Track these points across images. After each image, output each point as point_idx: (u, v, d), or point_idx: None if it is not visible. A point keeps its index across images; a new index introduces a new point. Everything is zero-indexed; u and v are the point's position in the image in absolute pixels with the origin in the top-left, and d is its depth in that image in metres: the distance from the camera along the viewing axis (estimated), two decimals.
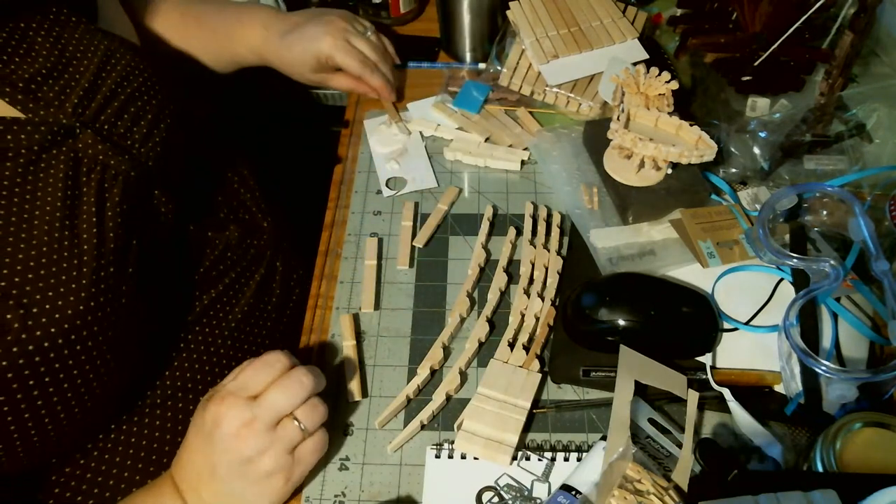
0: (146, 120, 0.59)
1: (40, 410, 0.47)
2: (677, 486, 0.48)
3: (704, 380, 0.56)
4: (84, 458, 0.55)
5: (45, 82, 0.53)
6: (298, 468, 0.49)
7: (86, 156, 0.53)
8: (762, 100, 0.73)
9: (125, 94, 0.58)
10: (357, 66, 0.75)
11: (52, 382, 0.47)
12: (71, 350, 0.47)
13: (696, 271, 0.63)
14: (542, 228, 0.68)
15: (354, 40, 0.76)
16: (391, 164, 0.75)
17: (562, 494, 0.48)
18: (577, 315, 0.59)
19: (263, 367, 0.48)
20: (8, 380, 0.44)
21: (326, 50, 0.74)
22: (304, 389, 0.48)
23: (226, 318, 0.65)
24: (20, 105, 0.51)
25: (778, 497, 0.38)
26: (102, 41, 0.58)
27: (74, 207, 0.50)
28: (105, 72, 0.57)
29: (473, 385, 0.58)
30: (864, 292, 0.58)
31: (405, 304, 0.64)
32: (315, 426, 0.49)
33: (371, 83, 0.77)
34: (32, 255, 0.47)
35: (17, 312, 0.45)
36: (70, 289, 0.47)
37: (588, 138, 0.72)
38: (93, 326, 0.48)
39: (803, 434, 0.54)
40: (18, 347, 0.44)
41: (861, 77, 0.78)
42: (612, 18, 0.80)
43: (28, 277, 0.46)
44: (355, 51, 0.76)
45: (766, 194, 0.67)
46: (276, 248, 0.74)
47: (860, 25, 0.61)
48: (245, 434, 0.46)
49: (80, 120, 0.54)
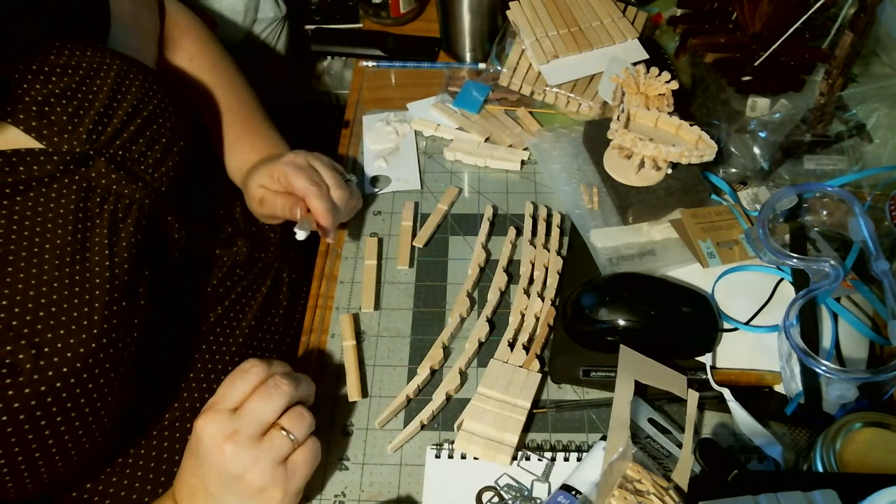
0: (160, 144, 0.58)
1: (51, 448, 0.46)
2: (677, 486, 0.48)
3: (704, 380, 0.56)
4: (92, 483, 0.54)
5: (59, 103, 0.52)
6: (294, 479, 0.46)
7: (98, 185, 0.52)
8: (762, 100, 0.73)
9: (140, 118, 0.56)
10: (303, 184, 0.60)
11: (63, 420, 0.46)
12: (83, 388, 0.46)
13: (696, 271, 0.63)
14: (542, 228, 0.68)
15: (315, 163, 0.64)
16: (379, 162, 0.75)
17: (562, 494, 0.48)
18: (577, 315, 0.59)
19: (240, 376, 0.46)
20: (20, 421, 0.44)
21: (280, 163, 0.62)
22: (285, 395, 0.46)
23: (233, 335, 0.64)
24: (34, 133, 0.50)
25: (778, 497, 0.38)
26: (115, 62, 0.56)
27: (85, 240, 0.50)
28: (120, 94, 0.55)
29: (473, 385, 0.58)
30: (864, 292, 0.58)
31: (405, 304, 0.64)
32: (304, 434, 0.47)
33: (313, 205, 0.60)
34: (43, 291, 0.46)
35: (29, 352, 0.44)
36: (82, 326, 0.46)
37: (588, 138, 0.72)
38: (105, 364, 0.47)
39: (803, 434, 0.54)
40: (31, 388, 0.44)
41: (861, 77, 0.78)
42: (612, 18, 0.80)
43: (39, 315, 0.46)
44: (310, 169, 0.62)
45: (766, 194, 0.67)
46: (283, 258, 0.73)
47: (860, 25, 0.61)
48: (229, 449, 0.44)
49: (93, 147, 0.53)
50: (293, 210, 0.61)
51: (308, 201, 0.60)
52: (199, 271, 0.64)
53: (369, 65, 0.88)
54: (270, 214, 0.65)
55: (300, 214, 0.60)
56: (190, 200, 0.63)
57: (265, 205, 0.64)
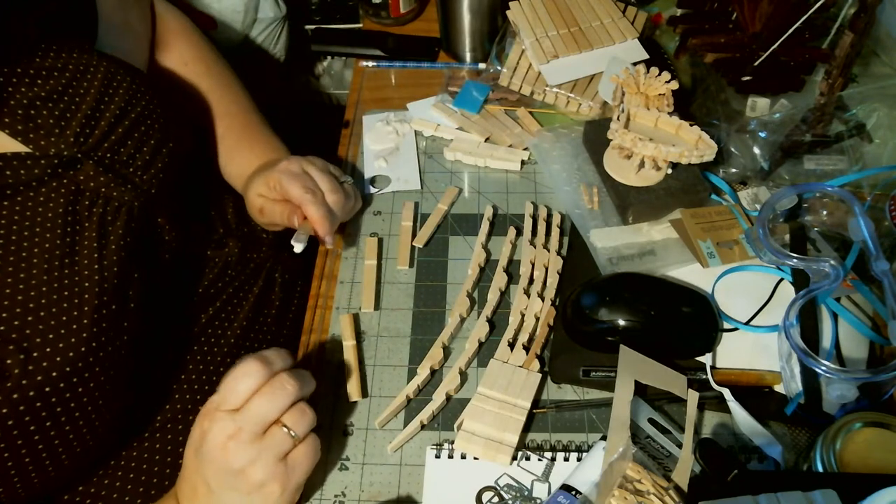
0: (149, 146, 0.57)
1: (41, 453, 0.46)
2: (677, 486, 0.48)
3: (704, 380, 0.56)
4: (85, 485, 0.54)
5: (45, 106, 0.52)
6: (294, 475, 0.47)
7: (87, 188, 0.52)
8: (762, 100, 0.73)
9: (128, 120, 0.56)
10: (298, 192, 0.60)
11: (53, 425, 0.46)
12: (72, 392, 0.46)
13: (696, 271, 0.63)
14: (542, 228, 0.68)
15: (310, 168, 0.63)
16: (379, 162, 0.75)
17: (562, 494, 0.48)
18: (577, 315, 0.59)
19: (243, 377, 0.46)
20: (8, 427, 0.44)
21: (275, 171, 0.62)
22: (289, 395, 0.46)
23: (225, 335, 0.64)
24: (21, 136, 0.50)
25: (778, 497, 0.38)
26: (101, 64, 0.56)
27: (74, 244, 0.49)
28: (108, 96, 0.55)
29: (473, 385, 0.58)
30: (864, 292, 0.58)
31: (405, 304, 0.64)
32: (305, 431, 0.47)
33: (309, 213, 0.60)
34: (32, 295, 0.46)
35: (18, 357, 0.44)
36: (71, 330, 0.46)
37: (588, 138, 0.72)
38: (94, 367, 0.47)
39: (803, 434, 0.54)
40: (19, 393, 0.44)
41: (861, 77, 0.78)
42: (612, 18, 0.80)
43: (28, 320, 0.45)
44: (304, 176, 0.62)
45: (766, 194, 0.67)
46: (276, 259, 0.73)
47: (860, 25, 0.61)
48: (232, 446, 0.45)
49: (81, 150, 0.52)
50: (291, 218, 0.61)
51: (304, 209, 0.60)
52: (190, 272, 0.64)
53: (369, 65, 0.88)
54: (271, 223, 0.65)
55: (297, 222, 0.61)
56: (181, 202, 0.63)
57: (265, 214, 0.64)
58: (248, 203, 0.67)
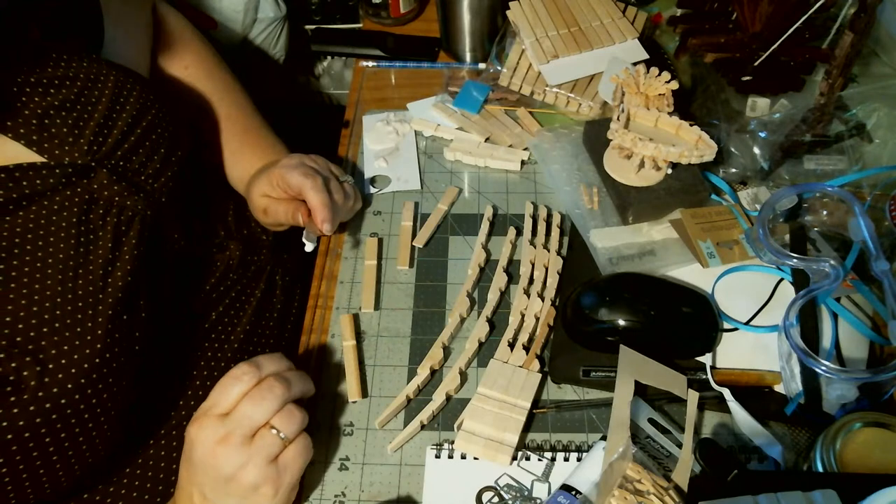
0: (159, 154, 0.57)
1: (55, 463, 0.46)
2: (677, 486, 0.48)
3: (704, 380, 0.56)
4: (90, 493, 0.54)
5: (59, 115, 0.52)
6: (285, 476, 0.47)
7: (101, 197, 0.52)
8: (762, 100, 0.73)
9: (140, 128, 0.56)
10: (298, 179, 0.60)
11: (68, 435, 0.46)
12: (86, 402, 0.46)
13: (696, 271, 0.63)
14: (542, 228, 0.68)
15: (310, 161, 0.64)
16: (379, 162, 0.75)
17: (562, 494, 0.48)
18: (577, 315, 0.59)
19: (231, 382, 0.46)
20: (25, 438, 0.44)
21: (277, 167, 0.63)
22: (276, 398, 0.46)
23: (229, 339, 0.64)
24: (35, 146, 0.50)
25: (778, 497, 0.38)
26: (111, 72, 0.56)
27: (88, 253, 0.49)
28: (119, 105, 0.55)
29: (473, 385, 0.58)
30: (864, 292, 0.58)
31: (405, 304, 0.64)
32: (294, 433, 0.47)
33: (309, 198, 0.60)
34: (47, 306, 0.46)
35: (34, 369, 0.44)
36: (85, 341, 0.46)
37: (588, 138, 0.72)
38: (108, 378, 0.47)
39: (803, 434, 0.54)
40: (35, 405, 0.44)
41: (861, 77, 0.78)
42: (612, 18, 0.80)
43: (43, 331, 0.45)
44: (304, 167, 0.62)
45: (766, 194, 0.67)
46: (277, 261, 0.73)
47: (860, 25, 0.61)
48: (221, 451, 0.45)
49: (94, 158, 0.52)
50: (295, 215, 0.61)
51: (304, 194, 0.60)
52: (194, 277, 0.64)
53: (369, 65, 0.88)
54: (275, 223, 0.65)
55: (303, 220, 0.61)
56: (186, 208, 0.63)
57: (270, 214, 0.64)
58: (252, 204, 0.67)
